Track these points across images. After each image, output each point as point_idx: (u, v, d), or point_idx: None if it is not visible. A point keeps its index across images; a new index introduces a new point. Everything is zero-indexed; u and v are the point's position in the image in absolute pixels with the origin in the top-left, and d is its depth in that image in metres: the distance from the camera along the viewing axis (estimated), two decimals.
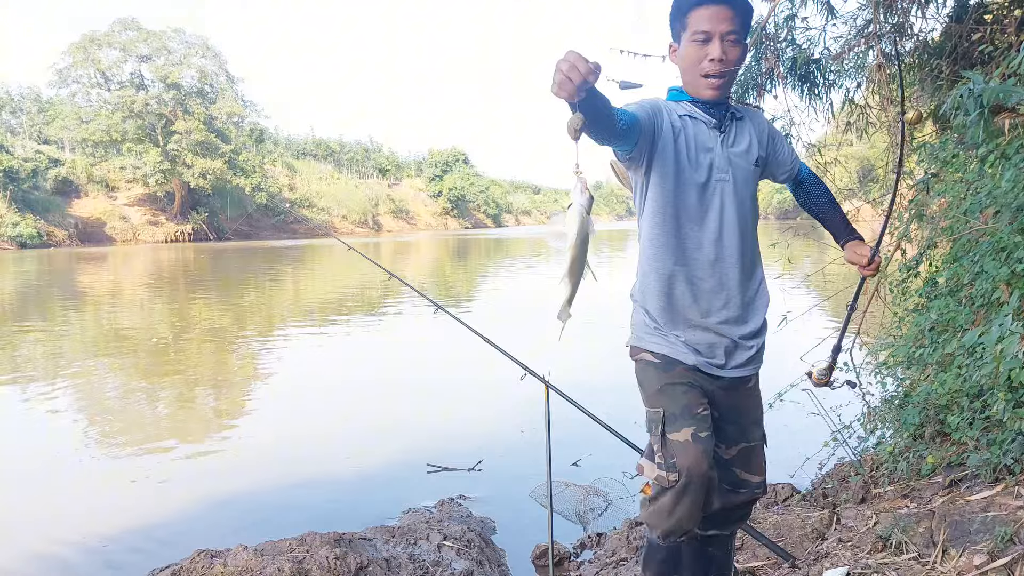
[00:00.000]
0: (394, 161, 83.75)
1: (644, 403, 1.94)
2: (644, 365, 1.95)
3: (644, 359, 1.95)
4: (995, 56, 3.70)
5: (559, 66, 1.41)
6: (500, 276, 20.93)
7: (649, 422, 1.89)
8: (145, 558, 3.36)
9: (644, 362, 1.95)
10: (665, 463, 1.81)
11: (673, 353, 1.90)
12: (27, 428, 5.93)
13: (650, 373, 1.92)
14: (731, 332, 1.91)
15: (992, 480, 2.65)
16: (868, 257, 1.99)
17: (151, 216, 50.00)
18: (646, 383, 1.94)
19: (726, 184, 1.86)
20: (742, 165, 1.90)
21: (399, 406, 6.32)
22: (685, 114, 1.87)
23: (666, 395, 1.86)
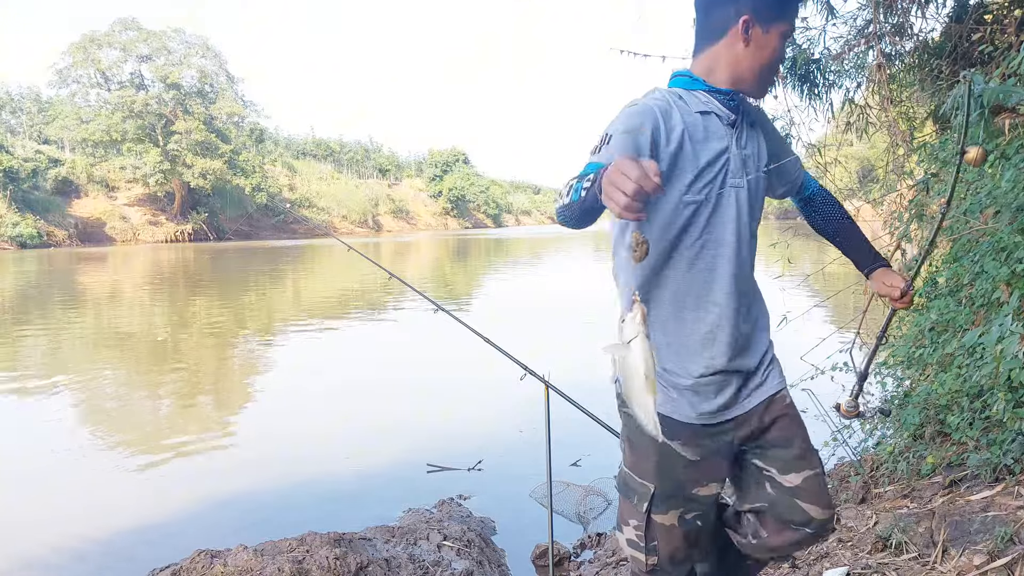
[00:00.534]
0: (394, 161, 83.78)
1: (628, 466, 1.65)
2: (635, 423, 1.54)
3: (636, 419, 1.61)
4: (995, 56, 3.70)
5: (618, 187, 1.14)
6: (500, 276, 20.93)
7: (631, 490, 1.64)
8: (145, 558, 3.36)
9: (636, 421, 1.55)
10: (645, 545, 1.62)
11: (675, 414, 1.57)
12: (27, 428, 5.93)
13: (645, 437, 1.53)
14: (742, 364, 1.62)
15: (992, 480, 2.65)
16: (901, 289, 1.73)
17: (151, 216, 50.00)
18: (638, 447, 1.61)
19: (740, 191, 1.58)
20: (754, 169, 1.64)
21: (399, 406, 6.32)
22: (701, 110, 1.55)
23: (661, 470, 1.59)
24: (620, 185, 1.14)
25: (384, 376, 7.55)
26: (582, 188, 1.30)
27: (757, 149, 1.66)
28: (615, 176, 1.15)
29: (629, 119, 1.49)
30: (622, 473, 1.68)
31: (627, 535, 1.66)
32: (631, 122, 1.48)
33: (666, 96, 1.56)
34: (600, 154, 1.44)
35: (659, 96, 1.56)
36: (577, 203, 1.31)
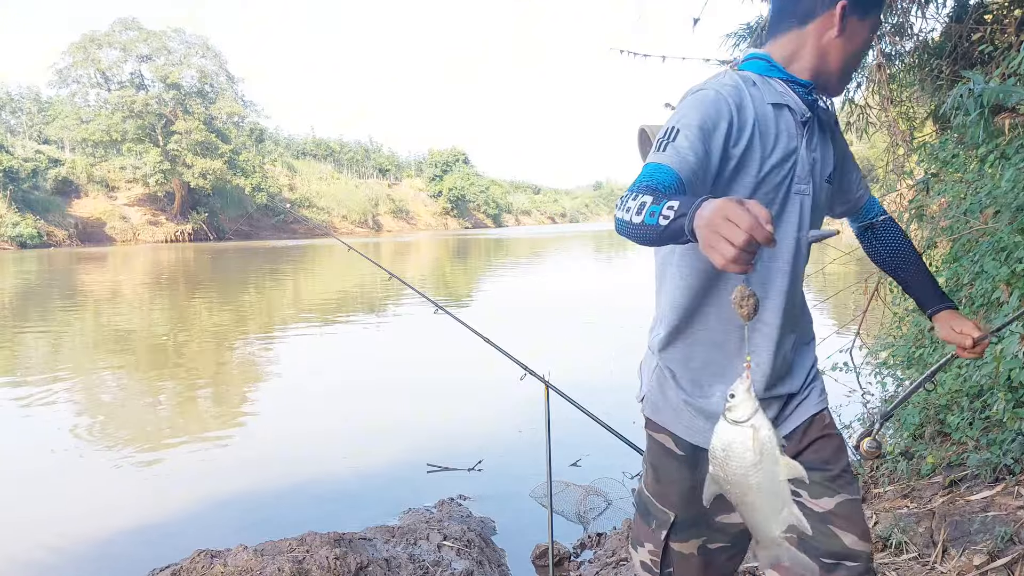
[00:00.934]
0: (394, 161, 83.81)
1: (650, 491, 1.55)
2: (663, 451, 1.51)
3: (663, 443, 1.51)
4: (995, 56, 3.70)
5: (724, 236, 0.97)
6: (500, 276, 20.93)
7: (649, 515, 1.55)
8: (145, 558, 3.36)
9: (662, 448, 1.52)
10: (659, 571, 1.54)
11: (704, 443, 1.37)
12: (27, 428, 5.93)
13: (671, 466, 1.49)
14: (781, 390, 1.46)
15: (992, 480, 2.65)
16: (974, 339, 1.53)
17: (151, 216, 50.01)
18: (664, 476, 1.52)
19: (805, 199, 1.41)
20: (820, 177, 1.46)
21: (399, 406, 6.32)
22: (775, 102, 1.38)
23: (686, 500, 1.47)
24: (726, 234, 0.97)
25: (384, 376, 7.55)
26: (661, 215, 1.10)
27: (824, 155, 1.47)
28: (719, 223, 0.98)
29: (703, 112, 1.30)
30: (642, 495, 1.57)
31: (641, 557, 1.58)
32: (705, 116, 1.30)
33: (739, 84, 1.36)
34: (665, 152, 1.25)
35: (731, 83, 1.36)
36: (652, 229, 1.12)
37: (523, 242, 41.87)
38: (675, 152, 1.25)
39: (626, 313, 11.44)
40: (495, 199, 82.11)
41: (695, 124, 1.28)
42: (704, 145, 1.27)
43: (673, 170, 1.22)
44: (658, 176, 1.22)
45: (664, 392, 1.49)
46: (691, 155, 1.25)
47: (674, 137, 1.27)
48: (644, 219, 1.13)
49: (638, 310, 10.81)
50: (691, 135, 1.27)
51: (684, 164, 1.24)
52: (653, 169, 1.23)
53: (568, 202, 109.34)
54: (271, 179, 57.35)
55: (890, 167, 4.94)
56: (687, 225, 1.04)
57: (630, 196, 1.17)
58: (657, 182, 1.21)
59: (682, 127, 1.28)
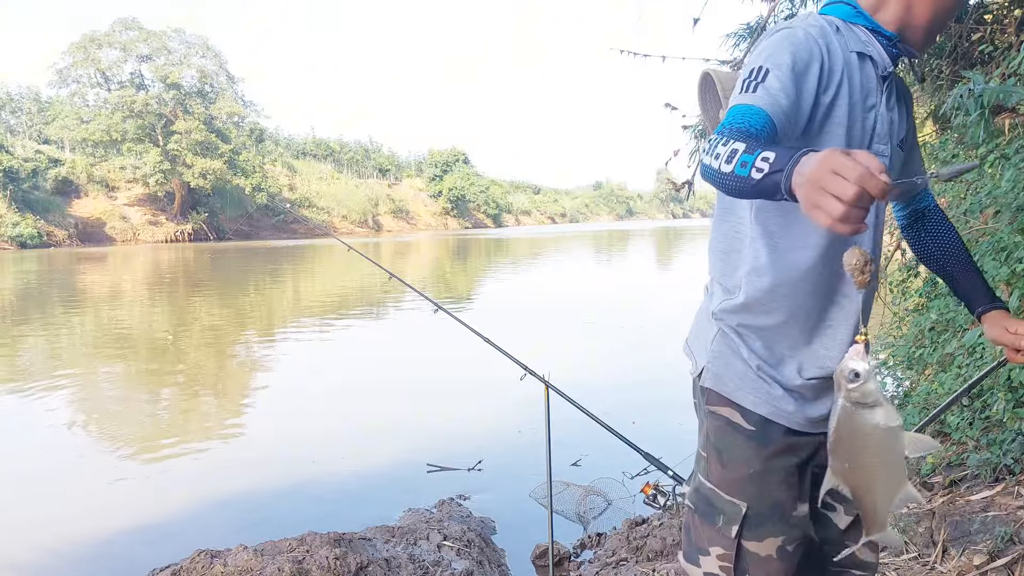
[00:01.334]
0: (394, 161, 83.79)
1: (714, 481, 1.33)
2: (727, 427, 1.32)
3: (728, 418, 1.32)
4: (995, 56, 3.70)
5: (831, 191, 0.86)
6: (500, 276, 20.94)
7: (714, 510, 1.32)
8: (145, 558, 3.36)
9: (727, 423, 1.32)
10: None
11: (775, 415, 1.29)
12: (26, 428, 5.93)
13: (737, 443, 1.31)
14: None
15: (992, 480, 2.65)
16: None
17: (151, 216, 50.00)
18: (727, 455, 1.32)
19: (883, 159, 1.27)
20: (895, 140, 1.33)
21: (399, 406, 6.32)
22: (858, 50, 1.25)
23: (757, 485, 1.29)
24: (834, 190, 0.86)
25: (384, 376, 7.55)
26: (754, 166, 0.98)
27: (900, 117, 1.34)
28: (825, 178, 0.87)
29: (793, 51, 1.17)
30: (702, 489, 1.35)
31: (706, 567, 1.32)
32: (796, 56, 1.17)
33: (824, 26, 1.24)
34: (756, 93, 1.13)
35: (817, 25, 1.24)
36: (743, 181, 1.00)
37: (523, 242, 41.88)
38: (766, 93, 1.13)
39: (626, 313, 11.45)
40: (495, 199, 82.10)
41: (786, 63, 1.15)
42: (796, 87, 1.15)
43: (765, 112, 1.11)
44: (750, 119, 1.10)
45: (729, 360, 1.32)
46: (783, 97, 1.13)
47: (763, 77, 1.14)
48: (735, 169, 1.01)
49: (638, 310, 10.91)
50: (782, 75, 1.14)
51: (776, 107, 1.12)
52: (743, 111, 1.11)
53: (568, 202, 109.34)
54: (271, 179, 57.34)
55: None
56: (784, 183, 0.94)
57: (719, 140, 1.06)
58: (749, 125, 1.09)
59: (772, 66, 1.15)
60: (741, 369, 1.31)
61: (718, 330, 1.35)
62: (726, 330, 1.33)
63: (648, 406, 5.79)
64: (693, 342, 1.43)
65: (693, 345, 1.43)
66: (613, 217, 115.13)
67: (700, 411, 1.40)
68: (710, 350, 1.36)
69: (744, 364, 1.31)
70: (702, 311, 1.43)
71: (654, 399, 6.14)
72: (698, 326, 1.43)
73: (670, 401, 6.19)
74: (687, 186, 4.36)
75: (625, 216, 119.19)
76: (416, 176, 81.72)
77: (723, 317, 1.34)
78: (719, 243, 1.39)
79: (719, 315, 1.34)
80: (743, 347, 1.31)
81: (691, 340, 1.44)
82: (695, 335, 1.43)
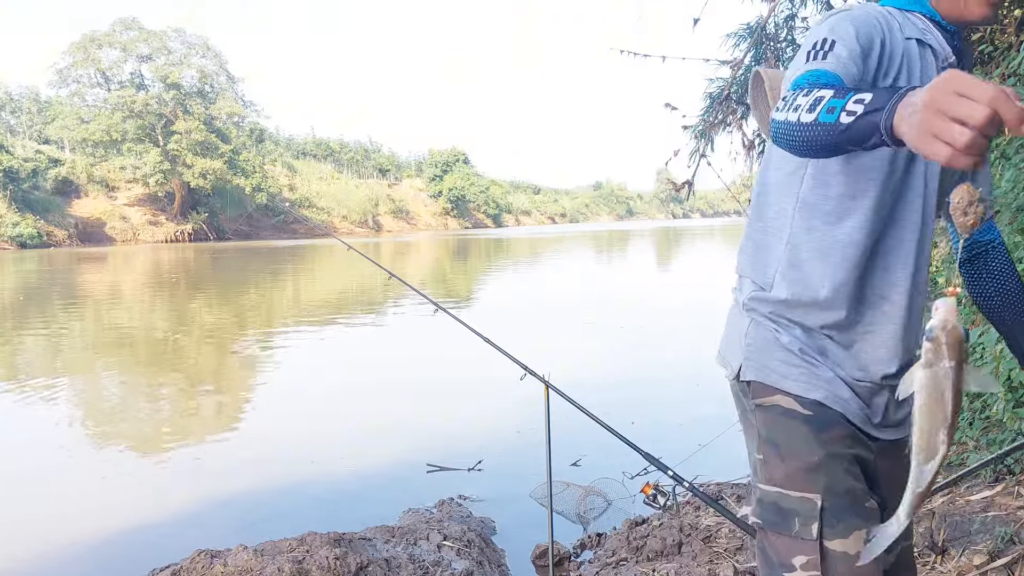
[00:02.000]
0: (394, 161, 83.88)
1: (778, 482, 1.16)
2: (782, 416, 1.18)
3: (782, 406, 1.19)
4: (995, 56, 3.70)
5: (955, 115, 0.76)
6: (500, 276, 20.94)
7: (787, 515, 1.14)
8: (145, 558, 3.36)
9: (781, 412, 1.18)
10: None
11: (831, 400, 1.17)
12: (26, 428, 5.93)
13: (796, 431, 1.16)
14: None
15: (992, 480, 2.65)
16: None
17: (151, 216, 50.06)
18: (786, 446, 1.17)
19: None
20: None
21: (399, 406, 6.32)
22: (915, 37, 1.18)
23: (826, 473, 1.13)
24: (959, 113, 0.75)
25: (384, 376, 7.55)
26: (844, 110, 0.88)
27: None
28: (947, 102, 0.76)
29: (857, 26, 1.11)
30: (766, 497, 1.18)
31: None
32: (859, 31, 1.11)
33: (884, 12, 1.18)
34: (826, 60, 1.07)
35: (875, 11, 1.17)
36: (829, 128, 0.90)
37: (523, 242, 41.88)
38: (836, 59, 1.06)
39: (626, 313, 11.45)
40: (495, 199, 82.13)
41: (851, 35, 1.10)
42: (861, 63, 1.09)
43: (839, 76, 1.04)
44: (826, 79, 1.02)
45: (768, 348, 1.22)
46: (853, 65, 1.07)
47: (831, 46, 1.09)
48: (819, 116, 0.91)
49: (638, 310, 10.91)
50: (849, 46, 1.09)
51: (848, 73, 1.06)
52: (816, 74, 1.04)
53: (568, 202, 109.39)
54: (271, 179, 57.39)
55: None
56: (884, 121, 0.83)
57: (799, 92, 0.97)
58: (828, 81, 1.02)
59: (837, 38, 1.09)
60: (783, 355, 1.20)
61: (751, 320, 1.25)
62: (759, 319, 1.24)
63: (648, 406, 5.79)
64: (726, 347, 1.33)
65: (726, 350, 1.32)
66: (613, 217, 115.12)
67: (746, 414, 1.27)
68: (745, 344, 1.25)
69: (785, 351, 1.20)
70: (732, 312, 1.34)
71: (654, 399, 6.14)
72: (729, 327, 1.33)
73: (670, 401, 6.19)
74: (687, 186, 4.36)
75: (625, 216, 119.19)
76: (416, 176, 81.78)
77: (755, 307, 1.25)
78: (752, 239, 1.31)
79: (750, 304, 1.26)
80: (783, 333, 1.21)
81: (723, 347, 1.34)
82: (727, 339, 1.33)
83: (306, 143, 76.75)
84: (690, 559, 2.94)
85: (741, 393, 1.28)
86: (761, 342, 1.23)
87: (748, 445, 1.27)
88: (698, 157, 4.41)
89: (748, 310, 1.26)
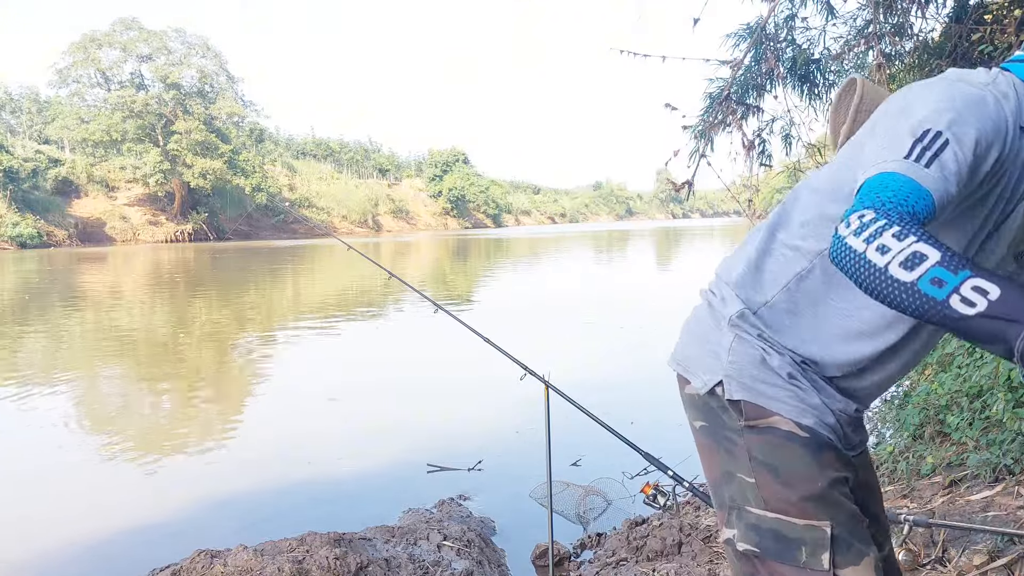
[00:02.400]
0: (394, 161, 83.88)
1: (775, 508, 1.09)
2: (780, 439, 1.11)
3: (781, 428, 1.11)
4: (995, 56, 3.70)
5: None
6: (500, 276, 20.94)
7: (790, 544, 1.07)
8: (145, 558, 3.36)
9: (780, 435, 1.11)
10: None
11: (819, 425, 1.12)
12: (26, 428, 5.92)
13: (796, 455, 1.09)
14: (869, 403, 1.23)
15: (992, 480, 2.65)
16: None
17: (151, 216, 50.06)
18: (787, 471, 1.09)
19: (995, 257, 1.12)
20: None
21: (399, 406, 6.32)
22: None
23: (831, 499, 1.08)
24: None
25: (384, 376, 7.55)
26: (957, 292, 0.76)
27: None
28: None
29: (981, 125, 0.95)
30: (762, 523, 1.10)
31: None
32: (983, 132, 0.95)
33: (1011, 95, 1.00)
34: (929, 170, 0.91)
35: (1006, 92, 1.00)
36: (938, 305, 0.77)
37: (523, 242, 41.88)
38: (940, 174, 0.91)
39: (626, 313, 11.45)
40: (495, 199, 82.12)
41: (970, 141, 0.93)
42: (970, 173, 0.94)
43: (933, 200, 0.89)
44: (918, 201, 0.88)
45: (756, 367, 1.13)
46: (954, 184, 0.92)
47: (941, 148, 0.92)
48: (918, 282, 0.77)
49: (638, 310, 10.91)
50: (963, 156, 0.93)
51: (945, 195, 0.91)
52: (914, 190, 0.89)
53: (568, 202, 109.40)
54: (271, 179, 57.38)
55: None
56: (1020, 343, 0.71)
57: (887, 225, 0.82)
58: (916, 209, 0.87)
59: (954, 137, 0.93)
60: (770, 377, 1.12)
61: (735, 336, 1.15)
62: (745, 336, 1.15)
63: (648, 406, 5.79)
64: (693, 357, 1.22)
65: (693, 361, 1.22)
66: (613, 217, 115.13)
67: (722, 431, 1.17)
68: (728, 360, 1.15)
69: (773, 373, 1.12)
70: (703, 319, 1.23)
71: (654, 399, 6.14)
72: (701, 335, 1.22)
73: (670, 401, 6.16)
74: (687, 186, 4.36)
75: (625, 216, 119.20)
76: (416, 176, 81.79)
77: (741, 325, 1.15)
78: (753, 252, 1.19)
79: (736, 322, 1.15)
80: (772, 356, 1.12)
81: (687, 355, 1.24)
82: (695, 348, 1.23)
83: (306, 143, 76.74)
84: (690, 559, 2.95)
85: (718, 409, 1.17)
86: (747, 360, 1.13)
87: (723, 465, 1.17)
88: (698, 157, 4.40)
89: (733, 326, 1.16)
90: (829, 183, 1.12)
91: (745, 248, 1.22)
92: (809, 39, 4.48)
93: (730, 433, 1.16)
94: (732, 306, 1.18)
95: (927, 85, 1.02)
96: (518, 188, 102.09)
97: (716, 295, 1.23)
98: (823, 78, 4.52)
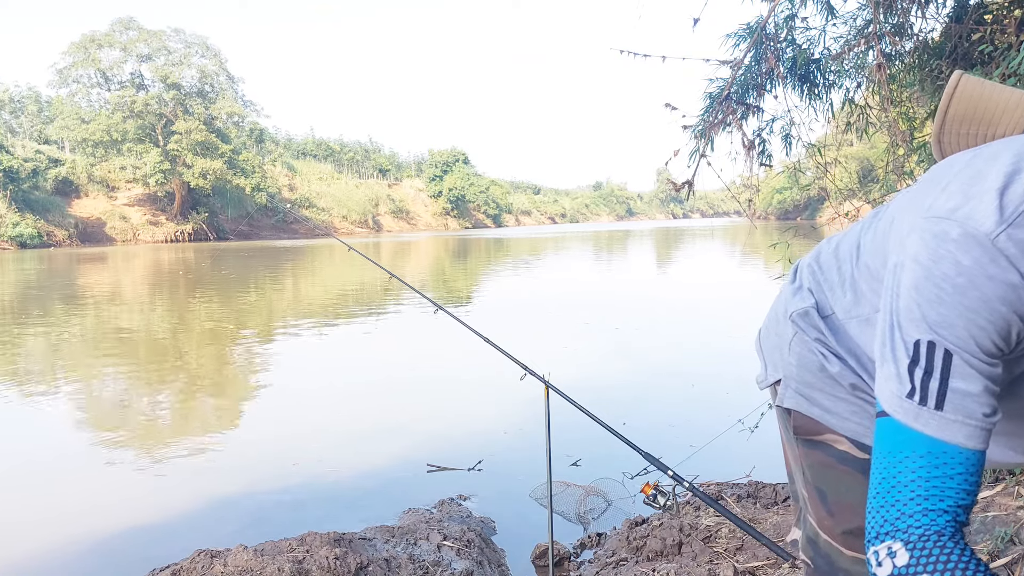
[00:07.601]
0: (394, 161, 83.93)
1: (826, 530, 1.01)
2: (833, 459, 1.00)
3: (835, 448, 1.00)
4: (995, 56, 3.70)
5: None
6: (500, 276, 20.93)
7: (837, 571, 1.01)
8: (145, 558, 3.36)
9: (835, 454, 1.00)
10: None
11: None
12: (26, 427, 5.93)
13: (849, 480, 0.99)
14: None
15: (992, 480, 2.65)
16: None
17: (151, 216, 50.07)
18: (835, 497, 1.01)
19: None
20: None
21: (399, 406, 6.32)
22: None
23: None
24: None
25: (384, 376, 7.55)
26: None
27: None
28: None
29: (990, 312, 0.71)
30: (820, 542, 1.02)
31: None
32: (995, 320, 0.71)
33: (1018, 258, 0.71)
34: (943, 412, 0.71)
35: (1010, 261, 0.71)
36: None
37: (523, 242, 41.88)
38: (963, 412, 0.71)
39: (626, 313, 11.45)
40: (495, 199, 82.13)
41: (983, 337, 0.71)
42: (1000, 364, 0.73)
43: (974, 457, 0.71)
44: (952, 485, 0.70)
45: (814, 372, 1.01)
46: (987, 403, 0.72)
47: (946, 374, 0.72)
48: None
49: (638, 310, 10.92)
50: (978, 362, 0.72)
51: (981, 433, 0.72)
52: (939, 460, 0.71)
53: (568, 202, 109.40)
54: (271, 179, 57.39)
55: (890, 167, 4.93)
56: None
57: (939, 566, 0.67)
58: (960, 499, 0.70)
59: (956, 348, 0.72)
60: (830, 386, 0.99)
61: (796, 332, 1.03)
62: (805, 338, 1.02)
63: (648, 406, 5.79)
64: (766, 339, 1.12)
65: (766, 344, 1.12)
66: (613, 217, 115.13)
67: (786, 429, 1.08)
68: (787, 360, 1.04)
69: (833, 381, 0.98)
70: (779, 300, 1.10)
71: (654, 399, 6.14)
72: (775, 317, 1.10)
73: (670, 401, 6.19)
74: (687, 186, 4.36)
75: (625, 216, 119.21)
76: (416, 176, 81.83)
77: (800, 323, 1.03)
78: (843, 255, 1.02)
79: (796, 320, 1.03)
80: (831, 362, 0.98)
81: (763, 336, 1.14)
82: (768, 329, 1.12)
83: (306, 143, 76.75)
84: (690, 559, 2.94)
85: (779, 409, 1.08)
86: (806, 363, 1.01)
87: (791, 461, 1.10)
88: (698, 157, 4.40)
89: (792, 321, 1.03)
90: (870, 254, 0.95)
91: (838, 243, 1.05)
92: (809, 39, 4.48)
93: (789, 435, 1.07)
94: (798, 300, 1.04)
95: (922, 239, 0.76)
96: (518, 188, 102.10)
97: (796, 277, 1.10)
98: (823, 78, 4.52)
